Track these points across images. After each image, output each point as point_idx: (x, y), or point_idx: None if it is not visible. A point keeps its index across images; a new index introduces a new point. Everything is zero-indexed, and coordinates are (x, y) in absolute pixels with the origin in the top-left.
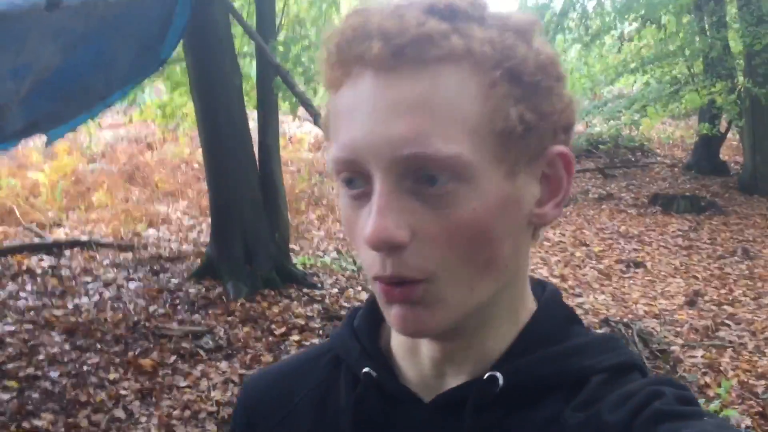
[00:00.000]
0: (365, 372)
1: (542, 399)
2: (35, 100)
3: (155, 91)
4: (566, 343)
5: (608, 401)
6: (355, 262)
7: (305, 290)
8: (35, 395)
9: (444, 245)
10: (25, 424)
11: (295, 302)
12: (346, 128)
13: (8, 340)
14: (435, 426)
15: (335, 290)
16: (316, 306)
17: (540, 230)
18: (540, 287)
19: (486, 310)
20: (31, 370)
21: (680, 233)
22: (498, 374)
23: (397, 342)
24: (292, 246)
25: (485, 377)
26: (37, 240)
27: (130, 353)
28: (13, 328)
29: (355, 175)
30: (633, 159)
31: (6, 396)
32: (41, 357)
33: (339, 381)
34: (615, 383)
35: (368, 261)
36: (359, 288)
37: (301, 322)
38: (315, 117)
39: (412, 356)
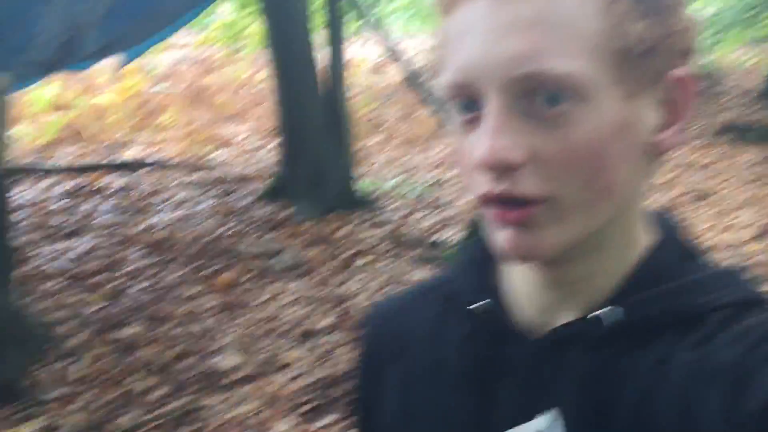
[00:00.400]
0: (477, 306)
1: (656, 337)
2: (111, 21)
3: (219, 14)
4: (684, 278)
5: (723, 339)
6: (419, 188)
7: (370, 214)
8: (121, 308)
9: (559, 167)
10: (115, 335)
11: (361, 226)
12: (460, 51)
13: (93, 254)
14: (546, 363)
15: (400, 215)
16: (381, 230)
17: (658, 161)
18: (660, 219)
19: (597, 240)
20: (115, 284)
21: (751, 164)
22: (610, 311)
23: (511, 277)
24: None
25: (597, 314)
26: (109, 160)
27: (206, 271)
28: (95, 243)
29: (467, 100)
30: (702, 87)
31: (95, 307)
32: (124, 272)
33: (451, 315)
34: (733, 320)
35: (477, 184)
36: (424, 213)
37: (368, 245)
38: (385, 41)
39: (525, 292)
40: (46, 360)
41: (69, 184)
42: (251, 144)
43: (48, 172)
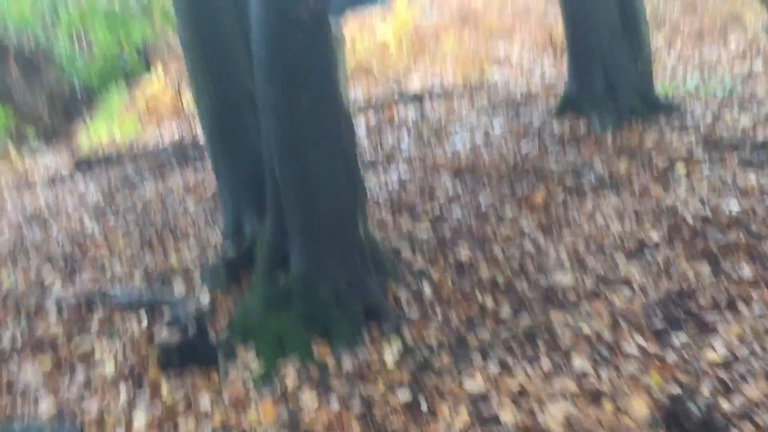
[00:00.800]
0: None
1: None
2: None
3: None
4: None
5: None
6: (726, 84)
7: (675, 118)
8: (448, 231)
9: None
10: (450, 256)
11: (669, 131)
12: None
13: (408, 183)
14: None
15: (710, 115)
16: (693, 134)
17: None
18: None
19: None
20: (436, 209)
21: None
22: None
23: None
24: None
25: None
26: (398, 93)
27: (518, 191)
28: (407, 172)
29: None
30: None
31: (425, 232)
32: (441, 197)
33: None
34: None
35: None
36: (738, 111)
37: (683, 151)
38: None
39: None
40: (400, 281)
41: (369, 119)
42: (527, 61)
43: None
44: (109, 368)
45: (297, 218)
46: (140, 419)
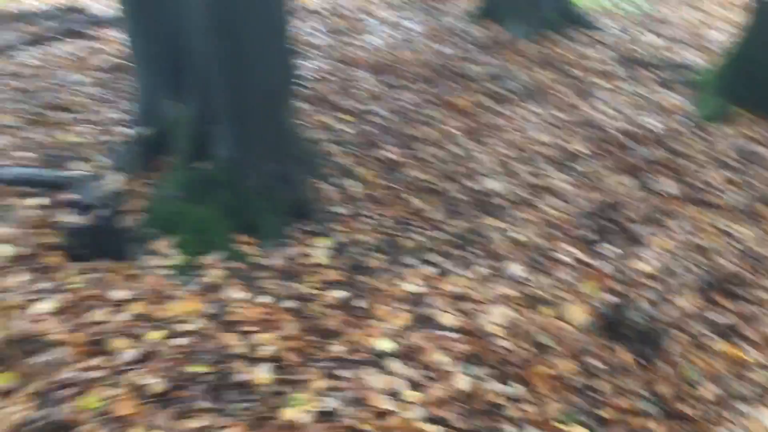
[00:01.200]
0: None
1: None
2: None
3: None
4: None
5: None
6: (642, 5)
7: (593, 33)
8: (373, 129)
9: None
10: (376, 155)
11: (582, 45)
12: None
13: (326, 77)
14: None
15: (624, 35)
16: (605, 49)
17: None
18: None
19: None
20: (359, 106)
21: None
22: None
23: None
24: None
25: None
26: None
27: (442, 93)
28: (324, 65)
29: None
30: None
31: (349, 128)
32: (363, 94)
33: None
34: None
35: None
36: (650, 32)
37: (602, 68)
38: None
39: None
40: (327, 178)
41: None
42: None
43: None
44: (4, 251)
45: (224, 100)
46: (45, 306)
